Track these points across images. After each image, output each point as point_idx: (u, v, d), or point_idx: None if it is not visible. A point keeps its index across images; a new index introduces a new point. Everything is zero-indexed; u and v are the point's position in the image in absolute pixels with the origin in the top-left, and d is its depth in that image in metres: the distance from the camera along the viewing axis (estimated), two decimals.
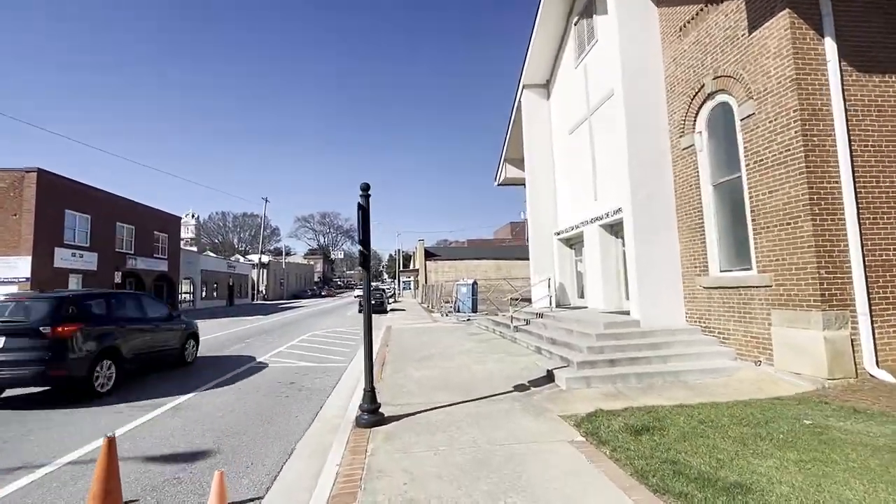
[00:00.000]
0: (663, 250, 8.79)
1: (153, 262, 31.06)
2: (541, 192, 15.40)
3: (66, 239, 22.95)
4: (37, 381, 6.74)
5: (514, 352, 9.43)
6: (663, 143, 9.08)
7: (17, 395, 7.34)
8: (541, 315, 11.79)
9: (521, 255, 47.30)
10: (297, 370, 9.19)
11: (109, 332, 7.72)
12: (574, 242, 14.49)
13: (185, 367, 9.72)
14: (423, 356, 9.59)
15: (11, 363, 6.56)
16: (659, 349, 7.67)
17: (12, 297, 8.06)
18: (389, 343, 12.13)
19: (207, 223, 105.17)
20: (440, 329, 15.73)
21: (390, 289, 57.14)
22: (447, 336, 13.17)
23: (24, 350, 6.65)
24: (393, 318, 22.43)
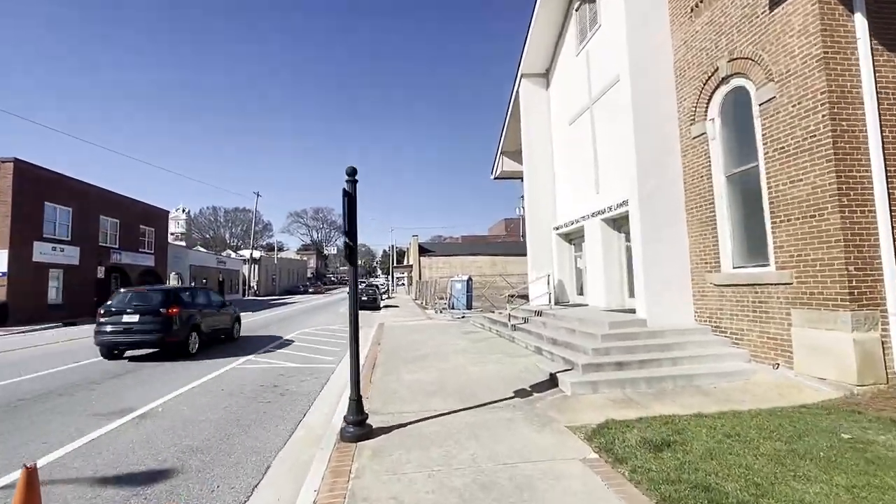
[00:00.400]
0: (671, 245, 8.30)
1: (139, 257, 30.20)
2: (539, 185, 14.87)
3: (45, 232, 22.09)
4: (157, 344, 10.11)
5: (513, 352, 8.92)
6: (672, 131, 8.56)
7: (138, 354, 10.55)
8: (540, 313, 11.29)
9: (517, 251, 46.82)
10: (282, 370, 8.61)
11: (194, 314, 10.96)
12: (574, 237, 13.99)
13: (233, 341, 12.92)
14: (416, 356, 9.05)
15: (143, 331, 9.95)
16: (669, 351, 7.18)
17: (133, 290, 11.37)
18: (381, 341, 11.57)
19: (198, 218, 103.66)
20: (434, 327, 15.20)
21: (384, 285, 56.54)
22: (442, 334, 12.64)
23: (151, 323, 9.96)
24: (386, 315, 21.87)
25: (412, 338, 12.08)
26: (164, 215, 34.07)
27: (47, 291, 22.08)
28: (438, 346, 10.26)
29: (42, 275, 21.81)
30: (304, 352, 11.10)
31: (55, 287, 22.77)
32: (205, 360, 9.72)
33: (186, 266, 37.54)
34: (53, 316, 21.79)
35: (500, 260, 44.85)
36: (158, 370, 8.79)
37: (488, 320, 14.12)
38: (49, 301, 22.20)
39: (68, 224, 23.70)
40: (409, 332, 13.47)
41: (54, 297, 22.69)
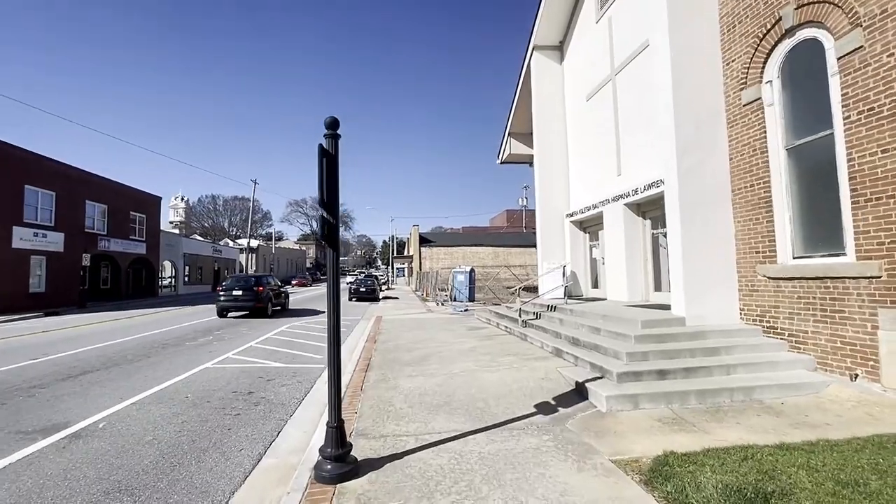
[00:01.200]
0: (714, 232, 7.13)
1: (129, 245, 29.05)
2: (551, 168, 13.65)
3: (26, 217, 20.91)
4: (250, 309, 16.52)
5: (528, 353, 7.79)
6: (716, 99, 7.34)
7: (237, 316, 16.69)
8: (553, 308, 10.17)
9: (520, 242, 45.72)
10: (263, 373, 7.51)
11: (269, 291, 17.45)
12: (589, 225, 12.81)
13: (285, 311, 19.19)
14: (417, 357, 7.94)
15: (243, 300, 16.38)
16: (716, 355, 6.06)
17: (237, 276, 20.77)
18: (378, 338, 10.47)
19: (197, 207, 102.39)
20: (436, 321, 14.10)
21: (383, 276, 55.45)
22: (444, 330, 11.53)
23: (247, 295, 16.39)
24: (384, 307, 20.79)
25: (412, 334, 10.97)
26: (157, 202, 32.86)
27: (28, 279, 20.98)
28: (442, 345, 9.15)
29: (22, 262, 20.67)
30: (272, 358, 10.01)
31: (38, 275, 21.67)
32: (278, 320, 15.86)
33: (180, 254, 36.41)
34: (35, 305, 20.72)
35: (502, 251, 43.70)
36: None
37: (495, 315, 13.00)
38: (31, 289, 21.10)
39: (51, 209, 22.51)
40: (409, 327, 12.36)
41: (37, 285, 21.59)
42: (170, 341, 10.88)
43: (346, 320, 15.81)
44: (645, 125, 9.32)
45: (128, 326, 14.39)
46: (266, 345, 10.33)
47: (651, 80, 8.60)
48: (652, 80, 8.48)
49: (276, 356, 8.94)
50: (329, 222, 3.45)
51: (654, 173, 8.91)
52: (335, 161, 3.54)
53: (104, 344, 10.48)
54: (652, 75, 8.47)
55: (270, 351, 9.50)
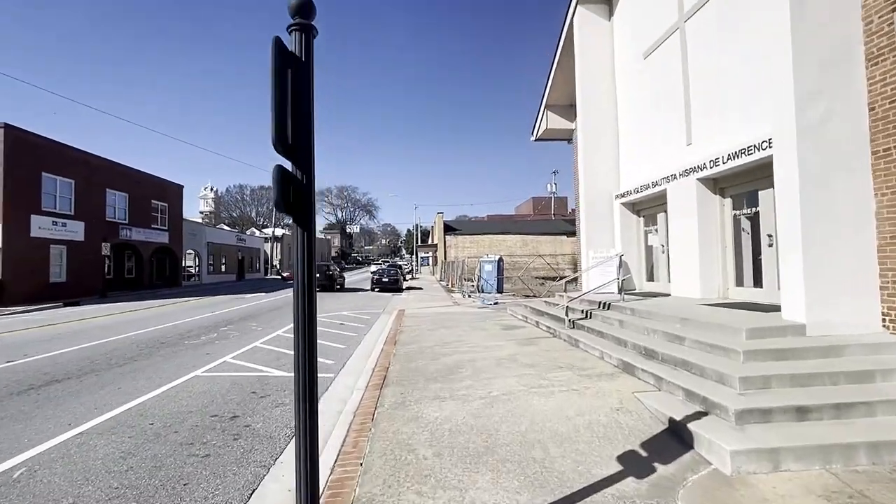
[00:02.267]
0: (846, 209, 5.28)
1: (151, 234, 28.72)
2: (598, 142, 11.79)
3: (44, 205, 20.51)
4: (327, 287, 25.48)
5: (585, 367, 6.17)
6: (849, 28, 5.42)
7: None
8: (606, 305, 8.48)
9: (550, 229, 43.56)
10: (259, 386, 6.19)
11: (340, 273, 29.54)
12: (645, 207, 10.95)
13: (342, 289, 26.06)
14: (444, 367, 6.45)
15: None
16: (870, 382, 4.30)
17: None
18: (399, 338, 9.05)
19: (225, 197, 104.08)
20: (464, 316, 12.59)
21: (407, 265, 54.41)
22: (476, 329, 10.01)
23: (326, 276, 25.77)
24: (408, 300, 19.43)
25: (438, 334, 9.50)
26: (179, 190, 32.44)
27: (49, 269, 20.66)
28: (473, 350, 7.63)
29: (42, 251, 20.33)
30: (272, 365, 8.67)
31: (58, 264, 21.36)
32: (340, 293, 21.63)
33: (203, 243, 36.14)
34: (56, 295, 20.40)
35: (531, 239, 41.68)
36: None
37: (532, 311, 11.38)
38: (51, 279, 20.80)
39: (71, 197, 22.10)
40: (434, 324, 10.90)
41: (57, 274, 21.29)
42: (170, 339, 9.79)
43: (365, 314, 14.54)
44: (730, 79, 7.41)
45: (138, 319, 13.52)
46: (272, 345, 9.08)
47: (743, 16, 6.69)
48: (747, 14, 6.57)
49: (281, 361, 7.64)
50: (293, 178, 1.93)
51: (741, 138, 7.04)
52: (307, 72, 2.01)
53: (98, 342, 9.48)
54: (746, 9, 6.55)
55: (275, 354, 8.22)
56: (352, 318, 13.71)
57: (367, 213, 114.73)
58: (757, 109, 6.72)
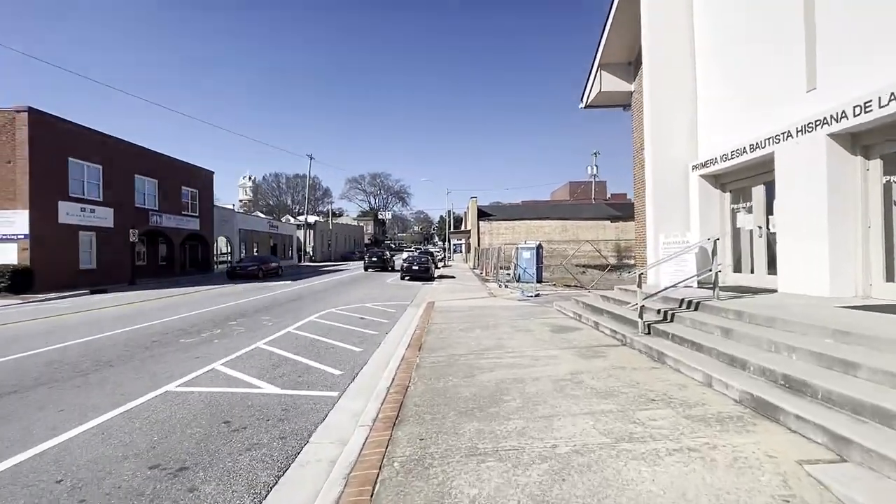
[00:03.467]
0: None
1: (182, 220, 28.46)
2: (670, 102, 9.59)
3: (72, 191, 20.20)
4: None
5: (688, 398, 4.28)
6: None
7: None
8: (693, 305, 6.50)
9: (591, 214, 40.70)
10: (239, 410, 4.72)
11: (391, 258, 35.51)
12: (734, 179, 8.74)
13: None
14: (482, 391, 4.75)
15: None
16: None
17: (374, 250, 38.43)
18: (425, 342, 7.42)
19: (262, 185, 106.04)
20: (503, 312, 10.82)
21: (439, 252, 52.92)
22: (519, 331, 8.24)
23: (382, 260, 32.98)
24: (438, 290, 17.83)
25: (473, 336, 7.80)
26: (210, 176, 32.10)
27: (78, 255, 20.46)
28: (521, 363, 5.88)
29: (71, 238, 20.11)
30: (267, 377, 7.25)
31: (88, 251, 21.17)
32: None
33: (235, 230, 35.94)
34: (85, 282, 20.20)
35: (571, 225, 39.11)
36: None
37: (584, 307, 9.48)
38: (81, 266, 20.62)
39: (98, 183, 21.80)
40: (467, 322, 9.21)
41: (87, 261, 21.11)
42: (164, 337, 8.61)
43: (391, 306, 13.05)
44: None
45: (153, 309, 12.63)
46: (276, 346, 7.68)
47: None
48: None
49: (279, 370, 6.19)
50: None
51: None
52: None
53: (86, 339, 8.40)
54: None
55: (276, 359, 6.79)
56: (375, 310, 12.23)
57: (399, 200, 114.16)
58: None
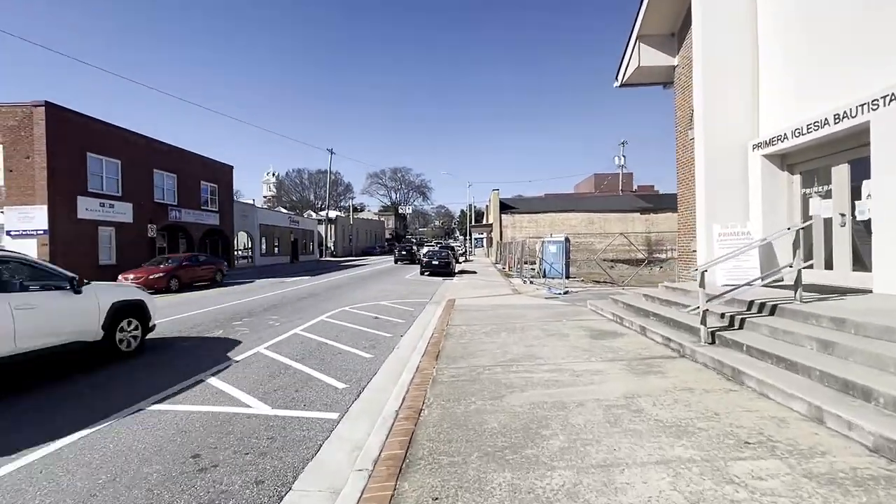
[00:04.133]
0: None
1: (201, 215, 28.35)
2: (726, 71, 8.30)
3: (90, 186, 20.10)
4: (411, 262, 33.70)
5: (797, 441, 3.19)
6: None
7: None
8: (769, 309, 5.35)
9: (620, 206, 38.89)
10: (214, 434, 3.90)
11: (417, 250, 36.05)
12: (807, 159, 7.43)
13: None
14: (514, 421, 3.78)
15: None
16: None
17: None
18: (443, 349, 6.48)
19: (284, 181, 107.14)
20: (531, 311, 9.78)
21: (460, 246, 51.96)
22: (552, 335, 7.20)
23: (410, 253, 35.80)
24: (459, 286, 16.89)
25: (500, 342, 6.81)
26: (229, 171, 31.95)
27: (98, 251, 20.41)
28: (560, 379, 4.87)
29: (91, 233, 20.05)
30: (257, 392, 6.41)
31: (107, 247, 21.12)
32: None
33: (255, 225, 35.83)
34: (104, 277, 20.08)
35: (598, 217, 37.47)
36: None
37: (626, 307, 8.37)
38: (101, 261, 20.57)
39: (117, 178, 21.69)
40: (492, 324, 8.23)
41: (106, 257, 21.06)
42: (165, 339, 7.97)
43: (408, 304, 12.17)
44: None
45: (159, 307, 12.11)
46: (278, 351, 6.89)
47: None
48: None
49: (276, 381, 5.37)
50: None
51: None
52: None
53: None
54: None
55: (275, 368, 5.98)
56: (391, 308, 11.39)
57: (420, 195, 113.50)
58: None
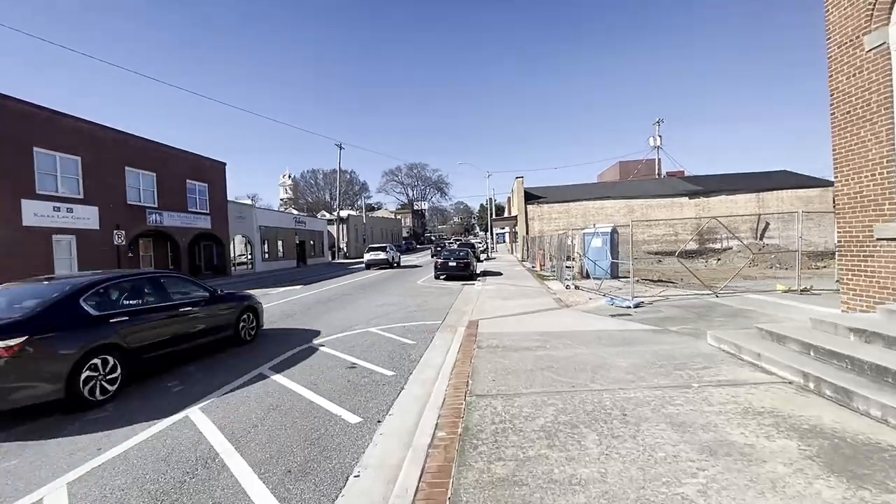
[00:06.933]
0: None
1: (189, 218, 25.14)
2: None
3: (40, 188, 16.91)
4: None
5: None
6: None
7: None
8: None
9: (664, 191, 34.04)
10: None
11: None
12: None
13: None
14: None
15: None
16: None
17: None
18: (466, 454, 2.54)
19: (299, 182, 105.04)
20: (609, 350, 5.72)
21: (481, 243, 47.79)
22: (713, 452, 3.19)
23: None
24: (483, 296, 12.87)
25: (593, 473, 2.81)
26: (220, 168, 28.71)
27: (52, 263, 17.28)
28: None
29: (42, 243, 16.91)
30: None
31: (66, 258, 17.99)
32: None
33: (254, 227, 32.59)
34: None
35: (638, 204, 32.75)
36: None
37: (816, 354, 4.18)
38: None
39: (78, 177, 18.53)
40: (555, 398, 4.20)
41: (66, 271, 17.93)
42: None
43: (411, 329, 7.81)
44: None
45: None
46: (213, 417, 3.09)
47: None
48: None
49: None
50: None
51: None
52: None
53: None
54: None
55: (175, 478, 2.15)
56: (384, 341, 7.48)
57: (438, 191, 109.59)
58: None
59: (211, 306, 6.92)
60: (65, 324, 4.82)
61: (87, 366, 4.78)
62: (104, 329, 5.12)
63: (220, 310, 7.11)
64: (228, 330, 7.27)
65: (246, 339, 7.64)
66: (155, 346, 5.73)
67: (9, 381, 4.25)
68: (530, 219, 34.03)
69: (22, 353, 4.32)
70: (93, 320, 5.09)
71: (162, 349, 5.85)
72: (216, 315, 7.00)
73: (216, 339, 6.97)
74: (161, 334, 5.86)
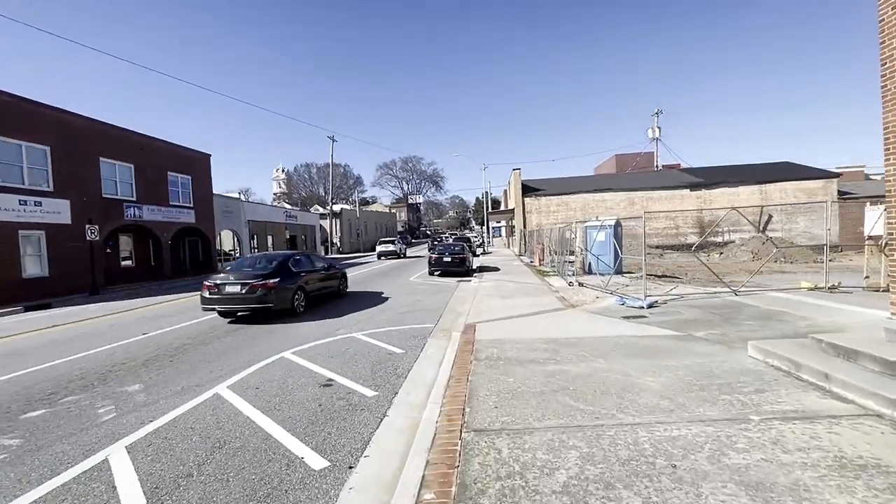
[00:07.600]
0: None
1: (171, 213, 23.96)
2: None
3: (3, 180, 15.70)
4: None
5: None
6: None
7: None
8: None
9: (661, 183, 33.18)
10: None
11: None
12: None
13: None
14: None
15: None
16: None
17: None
18: None
19: (293, 176, 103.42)
20: (632, 364, 4.80)
21: (477, 238, 46.85)
22: None
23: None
24: (479, 294, 11.92)
25: None
26: (205, 159, 27.44)
27: (19, 261, 16.11)
28: None
29: (7, 238, 15.74)
30: None
31: (35, 255, 16.82)
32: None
33: (243, 222, 31.40)
34: (33, 293, 15.88)
35: (639, 196, 31.85)
36: None
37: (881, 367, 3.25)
38: (25, 274, 16.29)
39: (47, 169, 17.31)
40: (577, 441, 3.29)
41: (36, 268, 16.79)
42: None
43: (397, 338, 6.48)
44: None
45: (69, 339, 7.61)
46: None
47: None
48: None
49: None
50: None
51: None
52: None
53: None
54: None
55: None
56: (367, 348, 6.51)
57: (433, 185, 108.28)
58: None
59: (330, 271, 12.14)
60: (287, 275, 9.83)
61: (294, 294, 9.85)
62: (298, 278, 10.19)
63: (334, 274, 12.41)
64: (336, 286, 12.51)
65: (343, 293, 12.96)
66: (314, 289, 10.98)
67: (272, 300, 9.18)
68: (528, 212, 33.07)
69: (276, 287, 9.30)
70: (294, 274, 10.14)
71: (316, 292, 11.12)
72: (333, 277, 12.32)
73: (331, 291, 12.16)
74: (315, 283, 11.07)
